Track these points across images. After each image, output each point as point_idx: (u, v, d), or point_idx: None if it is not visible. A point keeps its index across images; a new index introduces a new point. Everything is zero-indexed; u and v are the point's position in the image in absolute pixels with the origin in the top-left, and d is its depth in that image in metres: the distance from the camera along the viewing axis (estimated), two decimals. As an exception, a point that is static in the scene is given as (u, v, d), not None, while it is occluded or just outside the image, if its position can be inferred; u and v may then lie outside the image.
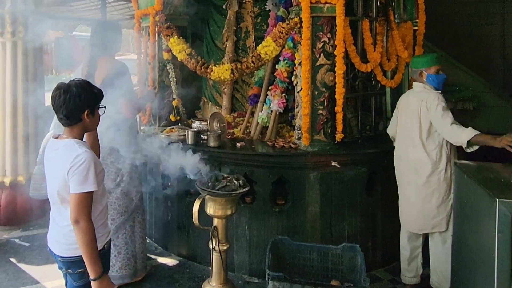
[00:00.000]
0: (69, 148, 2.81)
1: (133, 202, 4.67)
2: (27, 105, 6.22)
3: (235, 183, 4.04)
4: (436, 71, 4.36)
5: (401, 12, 5.43)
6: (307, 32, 4.64)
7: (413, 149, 4.30)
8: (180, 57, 5.41)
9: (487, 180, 3.26)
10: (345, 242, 4.31)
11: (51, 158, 2.92)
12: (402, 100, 4.60)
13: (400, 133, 4.51)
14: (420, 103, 4.26)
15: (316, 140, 4.80)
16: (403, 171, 4.46)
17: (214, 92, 6.38)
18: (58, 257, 2.94)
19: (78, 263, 2.85)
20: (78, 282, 2.93)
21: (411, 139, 4.32)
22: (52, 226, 3.01)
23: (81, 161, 2.75)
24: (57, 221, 2.95)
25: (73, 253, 2.87)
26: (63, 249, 2.91)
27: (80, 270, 2.87)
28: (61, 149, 2.84)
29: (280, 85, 5.30)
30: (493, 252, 2.86)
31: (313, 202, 4.73)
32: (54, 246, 2.97)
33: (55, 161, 2.87)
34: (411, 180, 4.35)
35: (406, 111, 4.43)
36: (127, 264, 4.63)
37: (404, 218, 4.50)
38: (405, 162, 4.41)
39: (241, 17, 6.14)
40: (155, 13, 5.68)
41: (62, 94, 2.78)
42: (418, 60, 4.52)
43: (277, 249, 4.06)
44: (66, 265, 2.93)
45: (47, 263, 5.26)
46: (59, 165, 2.80)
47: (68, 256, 2.90)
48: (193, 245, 5.21)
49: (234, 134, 5.58)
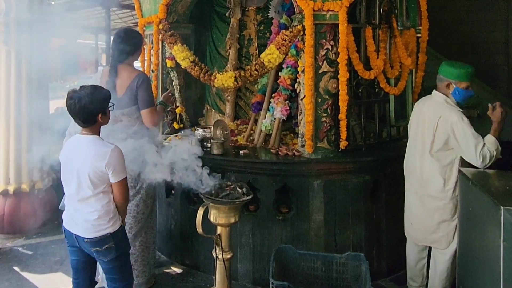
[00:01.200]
0: (96, 144, 3.41)
1: (148, 209, 4.70)
2: (32, 113, 6.22)
3: (239, 191, 4.03)
4: (467, 87, 4.04)
5: (404, 19, 5.43)
6: (310, 39, 4.63)
7: (422, 162, 4.14)
8: (184, 65, 5.40)
9: (492, 188, 3.25)
10: (350, 250, 4.31)
11: (75, 154, 3.43)
12: (417, 107, 4.38)
13: (411, 142, 4.36)
14: (438, 118, 3.98)
15: (319, 148, 4.78)
16: (409, 180, 4.36)
17: (218, 99, 6.38)
18: (85, 239, 3.41)
19: (104, 240, 3.42)
20: (108, 256, 3.47)
21: (421, 151, 4.16)
22: (74, 216, 3.48)
23: (115, 155, 3.38)
24: (81, 210, 3.43)
25: (99, 234, 3.41)
26: (90, 232, 3.41)
27: (107, 245, 3.43)
28: (87, 145, 3.40)
29: (284, 92, 5.30)
30: (498, 261, 2.84)
31: (317, 210, 4.70)
32: (81, 231, 3.43)
33: (82, 156, 3.38)
34: (417, 191, 4.23)
35: (420, 120, 4.22)
36: (143, 271, 4.67)
37: (406, 226, 4.45)
38: (412, 172, 4.28)
39: (244, 24, 6.16)
40: (159, 21, 5.67)
41: (77, 103, 3.29)
42: (451, 70, 4.07)
43: (281, 258, 4.05)
44: (93, 244, 3.41)
45: (50, 271, 5.27)
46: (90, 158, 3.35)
47: (95, 236, 3.40)
48: (196, 254, 5.19)
49: (238, 141, 5.56)
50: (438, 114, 4.01)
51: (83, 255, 3.59)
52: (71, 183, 3.46)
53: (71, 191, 3.47)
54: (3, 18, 6.12)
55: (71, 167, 3.43)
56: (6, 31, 6.16)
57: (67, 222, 3.54)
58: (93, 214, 3.40)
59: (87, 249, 3.49)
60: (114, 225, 3.48)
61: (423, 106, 4.27)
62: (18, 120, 6.21)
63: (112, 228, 3.46)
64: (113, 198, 3.50)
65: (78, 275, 3.68)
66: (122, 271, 3.62)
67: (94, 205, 3.41)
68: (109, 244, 3.43)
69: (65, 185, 3.54)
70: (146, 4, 6.09)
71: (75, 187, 3.42)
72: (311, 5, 4.59)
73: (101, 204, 3.43)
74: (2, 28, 6.14)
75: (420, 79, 5.55)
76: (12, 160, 6.25)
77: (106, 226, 3.43)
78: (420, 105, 4.35)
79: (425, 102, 4.31)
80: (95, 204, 3.41)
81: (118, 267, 3.57)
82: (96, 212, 3.40)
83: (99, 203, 3.42)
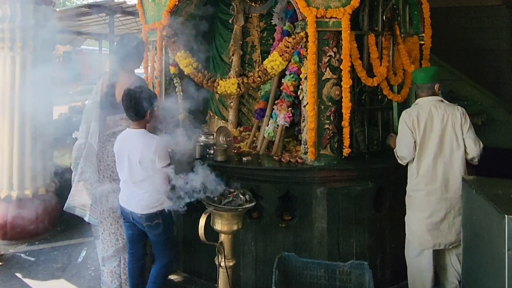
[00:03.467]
0: (145, 136, 4.11)
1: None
2: (35, 119, 6.22)
3: (242, 198, 4.02)
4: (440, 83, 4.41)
5: (407, 27, 5.42)
6: (313, 46, 4.63)
7: (445, 165, 4.20)
8: (187, 71, 5.39)
9: (496, 196, 3.21)
10: (353, 259, 4.30)
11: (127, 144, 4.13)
12: (420, 114, 4.32)
13: (429, 149, 4.28)
14: (448, 117, 4.23)
15: (322, 155, 4.76)
16: (428, 190, 4.26)
17: (221, 106, 6.38)
18: (140, 215, 4.07)
19: (154, 216, 4.09)
20: (157, 230, 4.14)
21: (443, 154, 4.22)
22: (129, 195, 4.16)
23: (161, 144, 4.08)
24: (136, 191, 4.10)
25: (151, 210, 4.07)
26: (144, 208, 4.06)
27: (156, 220, 4.10)
28: (137, 137, 4.09)
29: (286, 99, 5.29)
30: (503, 270, 2.82)
31: (320, 218, 4.68)
32: (136, 208, 4.09)
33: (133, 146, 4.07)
34: (438, 197, 4.20)
35: (434, 125, 4.26)
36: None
37: (431, 235, 4.28)
38: (432, 179, 4.24)
39: (247, 31, 6.18)
40: (162, 27, 5.67)
41: (133, 99, 4.01)
42: (428, 74, 4.41)
43: (283, 266, 4.03)
44: (146, 219, 4.08)
45: (52, 278, 5.27)
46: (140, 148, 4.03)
47: (148, 213, 4.06)
48: (199, 261, 5.17)
49: (241, 148, 5.55)
50: (448, 113, 4.25)
51: (136, 229, 4.26)
52: (124, 169, 4.15)
53: (125, 176, 4.16)
54: (9, 24, 6.15)
55: (124, 156, 4.13)
56: (11, 37, 6.19)
57: (124, 201, 4.21)
58: (145, 195, 4.06)
59: (140, 223, 4.15)
60: (162, 204, 4.09)
61: (430, 112, 4.29)
62: (22, 126, 6.23)
63: (160, 206, 4.09)
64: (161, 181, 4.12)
65: (132, 246, 4.38)
66: (167, 243, 4.29)
67: (146, 186, 4.06)
68: (158, 220, 4.10)
69: (120, 171, 4.24)
70: (150, 11, 6.10)
71: (128, 173, 4.10)
72: (314, 12, 4.60)
73: (152, 186, 4.05)
74: (8, 34, 6.17)
75: (424, 86, 5.51)
76: (15, 166, 6.26)
77: (156, 205, 4.08)
78: (426, 112, 4.31)
79: (427, 107, 4.33)
80: (146, 186, 4.06)
81: (164, 240, 4.25)
82: (147, 193, 4.06)
83: (150, 185, 4.05)
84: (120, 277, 4.73)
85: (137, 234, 4.31)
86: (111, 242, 4.74)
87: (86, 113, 4.76)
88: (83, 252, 5.98)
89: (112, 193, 4.56)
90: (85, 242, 6.32)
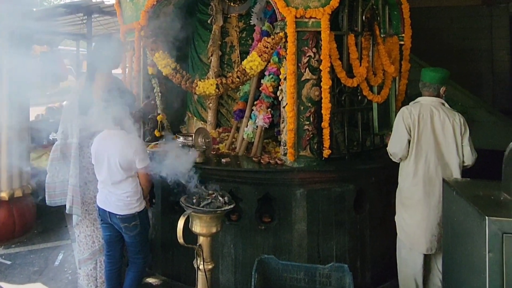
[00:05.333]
0: (125, 136, 4.16)
1: None
2: (11, 120, 6.11)
3: (220, 200, 4.01)
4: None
5: (387, 27, 5.43)
6: (292, 46, 4.60)
7: (443, 168, 4.19)
8: (165, 72, 5.37)
9: (477, 198, 3.20)
10: (333, 261, 4.26)
11: (106, 145, 4.16)
12: (422, 113, 4.28)
13: (428, 150, 4.25)
14: (450, 121, 4.20)
15: (302, 156, 4.73)
16: (427, 191, 4.23)
17: (199, 107, 6.33)
18: (117, 216, 4.12)
19: (132, 218, 4.14)
20: (134, 232, 4.17)
21: (441, 156, 4.20)
22: (107, 196, 4.18)
23: (141, 145, 4.23)
24: (114, 192, 4.14)
25: (129, 212, 4.12)
26: (122, 210, 4.11)
27: (134, 222, 4.15)
28: (116, 138, 4.15)
29: (266, 100, 5.26)
30: (484, 272, 2.81)
31: (300, 220, 4.65)
32: (114, 209, 4.13)
33: (113, 147, 4.10)
34: (437, 200, 4.16)
35: (435, 126, 4.24)
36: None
37: (426, 239, 4.26)
38: (431, 181, 4.21)
39: (226, 31, 6.14)
40: (140, 28, 5.65)
41: (111, 100, 4.07)
42: (439, 75, 4.37)
43: (263, 269, 3.99)
44: (123, 220, 4.13)
45: (29, 281, 5.22)
46: (119, 148, 4.08)
47: (126, 214, 4.12)
48: (177, 264, 5.13)
49: (219, 149, 5.52)
50: (449, 117, 4.23)
51: (114, 231, 4.29)
52: (102, 170, 4.18)
53: (104, 177, 4.18)
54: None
55: (102, 157, 4.16)
56: (-13, 38, 6.05)
57: (102, 202, 4.24)
58: (124, 195, 4.12)
59: (118, 224, 4.19)
60: (140, 205, 4.20)
61: (429, 113, 4.27)
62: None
63: (139, 208, 4.18)
64: (139, 182, 4.23)
65: (110, 248, 4.40)
66: (142, 244, 4.31)
67: (125, 187, 4.12)
68: (136, 221, 4.16)
69: (98, 172, 4.26)
70: (127, 11, 6.06)
71: (107, 173, 4.13)
72: (293, 12, 4.57)
73: (131, 187, 4.13)
74: (-17, 35, 6.04)
75: (404, 87, 5.53)
76: (-10, 169, 6.14)
77: (134, 206, 4.15)
78: (425, 112, 4.28)
79: (427, 108, 4.30)
80: (126, 187, 4.12)
81: (140, 242, 4.27)
82: (126, 193, 4.12)
83: (129, 185, 4.13)
84: (96, 280, 4.70)
85: (114, 235, 4.34)
86: (87, 245, 4.71)
87: (65, 114, 4.72)
88: (60, 255, 5.92)
89: (88, 195, 4.56)
90: (62, 245, 6.25)
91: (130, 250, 4.35)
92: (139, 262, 4.33)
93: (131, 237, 4.22)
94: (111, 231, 4.31)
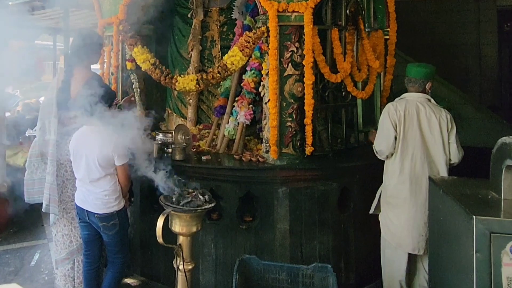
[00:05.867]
0: (103, 133, 4.04)
1: None
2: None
3: (201, 199, 3.93)
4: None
5: (371, 21, 5.44)
6: (275, 41, 4.54)
7: (430, 165, 4.15)
8: (144, 67, 5.29)
9: (464, 196, 3.17)
10: (317, 261, 4.18)
11: (84, 142, 4.10)
12: (408, 110, 4.24)
13: (414, 146, 4.21)
14: (436, 118, 4.17)
15: (284, 154, 4.67)
16: (413, 189, 4.18)
17: (179, 103, 6.26)
18: (96, 214, 4.05)
19: (110, 217, 4.07)
20: (112, 231, 4.11)
21: (427, 154, 4.16)
22: (85, 194, 4.11)
23: (120, 142, 4.03)
24: (92, 190, 4.07)
25: (107, 210, 4.06)
26: (100, 208, 4.05)
27: (112, 221, 4.08)
28: (94, 135, 4.06)
29: (247, 96, 5.19)
30: (471, 272, 2.78)
31: (282, 219, 4.58)
32: (92, 208, 4.07)
33: (91, 144, 4.03)
34: (424, 199, 4.10)
35: (421, 123, 4.20)
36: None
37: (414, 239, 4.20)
38: (418, 179, 4.17)
39: (207, 26, 6.06)
40: (119, 22, 5.59)
41: (90, 96, 3.97)
42: (424, 70, 4.35)
43: (244, 269, 3.94)
44: (101, 219, 4.07)
45: (4, 282, 5.20)
46: (97, 146, 4.00)
47: (104, 213, 4.05)
48: (156, 265, 5.07)
49: (200, 147, 5.45)
50: (436, 113, 4.19)
51: (93, 230, 4.22)
52: (81, 168, 4.10)
53: (82, 175, 4.11)
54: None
55: (81, 154, 4.09)
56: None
57: (80, 200, 4.16)
58: (103, 193, 4.05)
59: (96, 223, 4.12)
60: (119, 204, 4.13)
61: (416, 109, 4.23)
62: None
63: (118, 206, 4.11)
64: (118, 180, 4.16)
65: (88, 248, 4.32)
66: (122, 244, 4.23)
67: (103, 185, 4.06)
68: (114, 220, 4.10)
69: (76, 170, 4.19)
70: (106, 5, 6.00)
71: (85, 171, 4.06)
72: (275, 6, 4.51)
73: (109, 185, 4.06)
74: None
75: (389, 83, 5.53)
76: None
77: (113, 204, 4.08)
78: (411, 108, 4.24)
79: (413, 104, 4.25)
80: (104, 185, 4.06)
81: (119, 241, 4.19)
82: (105, 191, 4.05)
83: (108, 183, 4.06)
84: (73, 280, 4.62)
85: (93, 234, 4.27)
86: (64, 244, 4.62)
87: (43, 110, 4.65)
88: (36, 255, 5.89)
89: (66, 193, 4.50)
90: (38, 245, 6.22)
91: (109, 250, 4.30)
92: (118, 262, 4.26)
93: (109, 236, 4.16)
94: (89, 230, 4.24)
